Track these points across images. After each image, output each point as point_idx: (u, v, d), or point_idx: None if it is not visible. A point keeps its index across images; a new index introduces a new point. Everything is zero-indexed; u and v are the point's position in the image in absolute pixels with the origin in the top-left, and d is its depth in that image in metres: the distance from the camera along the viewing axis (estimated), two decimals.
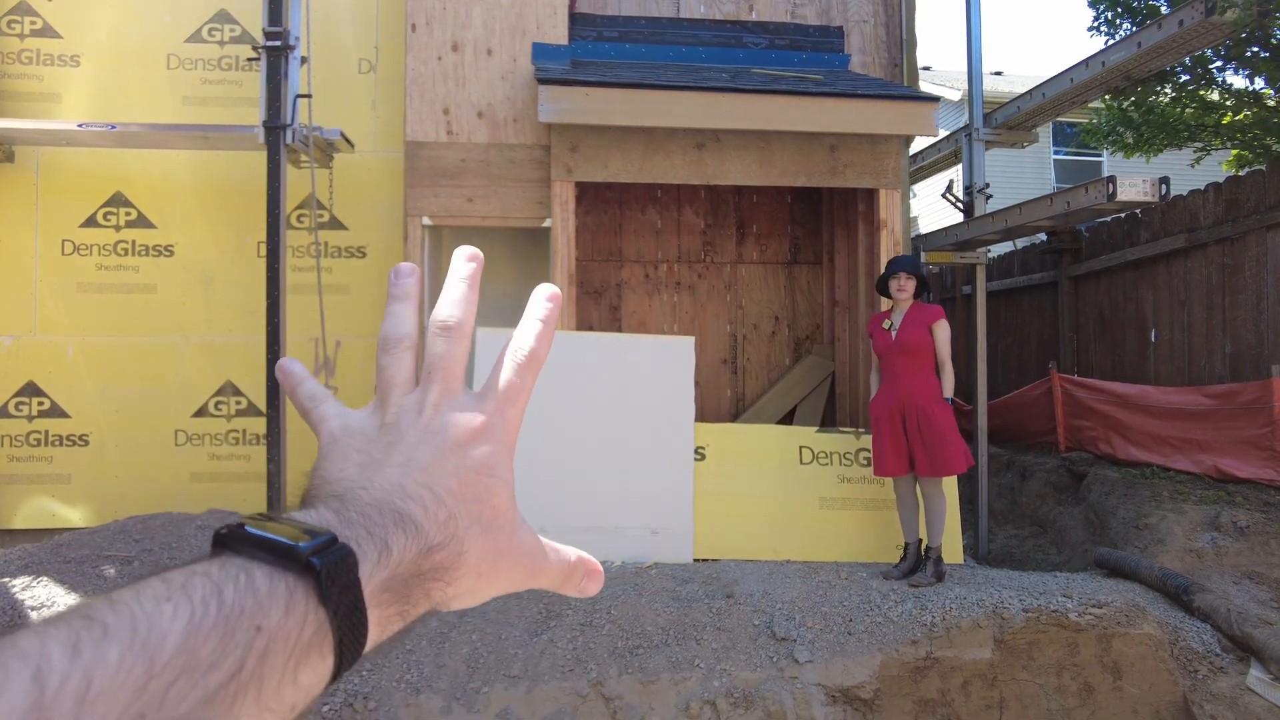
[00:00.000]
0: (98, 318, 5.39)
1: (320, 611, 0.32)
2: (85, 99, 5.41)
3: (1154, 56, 5.23)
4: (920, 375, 4.24)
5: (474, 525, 0.40)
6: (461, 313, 0.47)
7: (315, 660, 0.32)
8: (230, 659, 0.28)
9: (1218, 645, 3.80)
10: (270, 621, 0.30)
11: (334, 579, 0.32)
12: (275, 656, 0.30)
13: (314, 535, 0.33)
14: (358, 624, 0.33)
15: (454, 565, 0.39)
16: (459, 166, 5.14)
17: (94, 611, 0.27)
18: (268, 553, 0.32)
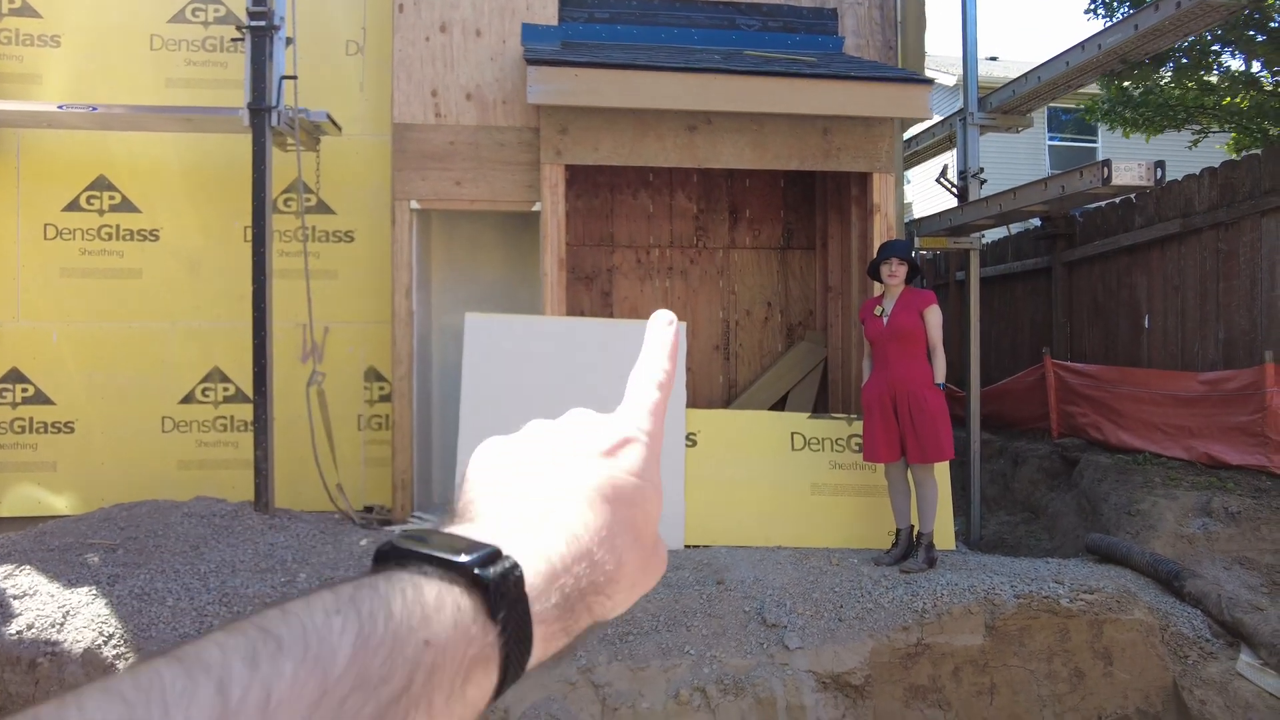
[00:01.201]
0: (82, 303, 5.32)
1: (488, 626, 0.32)
2: (66, 80, 5.31)
3: (1151, 39, 5.17)
4: (912, 361, 4.21)
5: (627, 534, 0.40)
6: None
7: (481, 676, 0.31)
8: (400, 674, 0.28)
9: (1208, 630, 3.80)
10: (439, 636, 0.30)
11: (501, 593, 0.32)
12: (443, 671, 0.30)
13: (478, 549, 0.33)
14: (524, 639, 0.33)
15: (613, 578, 0.38)
16: (447, 149, 5.07)
17: (268, 623, 0.27)
18: (433, 567, 0.32)
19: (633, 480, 0.41)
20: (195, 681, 0.24)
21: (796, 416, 5.05)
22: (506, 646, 0.32)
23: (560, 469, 0.40)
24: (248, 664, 0.25)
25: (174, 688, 0.23)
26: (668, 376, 0.47)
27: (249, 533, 4.37)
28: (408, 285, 5.12)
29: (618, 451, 0.42)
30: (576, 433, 0.43)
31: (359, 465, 5.39)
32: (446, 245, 5.83)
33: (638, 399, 0.46)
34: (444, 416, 5.53)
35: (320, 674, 0.26)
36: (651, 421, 0.45)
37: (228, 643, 0.26)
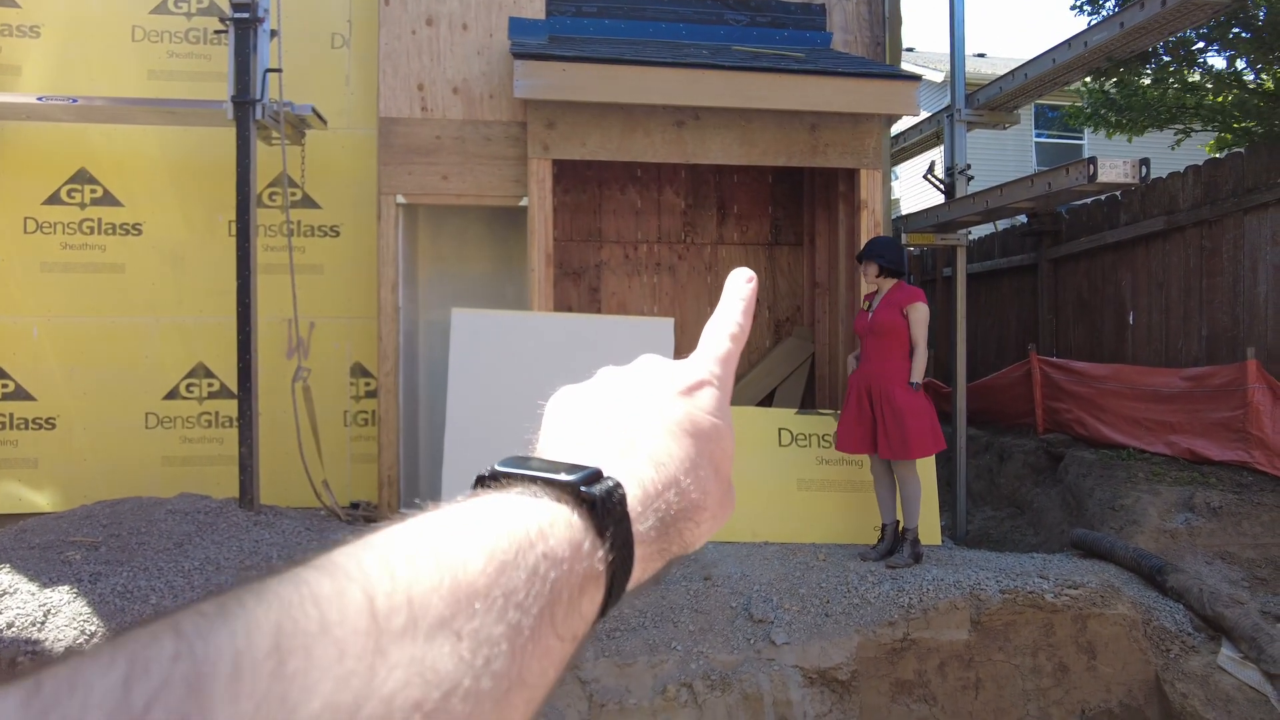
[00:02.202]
0: (63, 298, 5.26)
1: (597, 543, 0.32)
2: (46, 71, 5.24)
3: (1136, 37, 5.20)
4: (888, 358, 4.22)
5: (708, 467, 0.41)
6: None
7: (593, 590, 0.32)
8: (524, 585, 0.29)
9: (1190, 625, 3.84)
10: (555, 550, 0.31)
11: (608, 510, 0.33)
12: (562, 585, 0.30)
13: (580, 469, 0.34)
14: (627, 557, 0.34)
15: (700, 505, 0.40)
16: (433, 143, 5.04)
17: (394, 536, 0.28)
18: (540, 487, 0.33)
19: (709, 418, 0.42)
20: (340, 585, 0.25)
21: (783, 412, 5.06)
22: (613, 564, 0.33)
23: (639, 407, 0.41)
24: (385, 572, 0.26)
25: (322, 589, 0.24)
26: (741, 330, 0.49)
27: (234, 530, 4.34)
28: (394, 280, 5.08)
29: (694, 392, 0.43)
30: (651, 375, 0.44)
31: (345, 461, 5.36)
32: (433, 240, 5.79)
33: (711, 347, 0.47)
34: (431, 412, 5.51)
35: (453, 580, 0.27)
36: (723, 368, 0.46)
37: (359, 555, 0.26)
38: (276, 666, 0.22)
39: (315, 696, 0.22)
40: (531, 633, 0.28)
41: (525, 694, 0.28)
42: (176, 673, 0.20)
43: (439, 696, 0.25)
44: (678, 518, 0.38)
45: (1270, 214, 5.11)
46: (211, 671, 0.21)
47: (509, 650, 0.27)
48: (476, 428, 4.29)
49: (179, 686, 0.20)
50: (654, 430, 0.40)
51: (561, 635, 0.30)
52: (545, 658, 0.29)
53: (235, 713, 0.20)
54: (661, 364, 0.45)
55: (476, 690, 0.26)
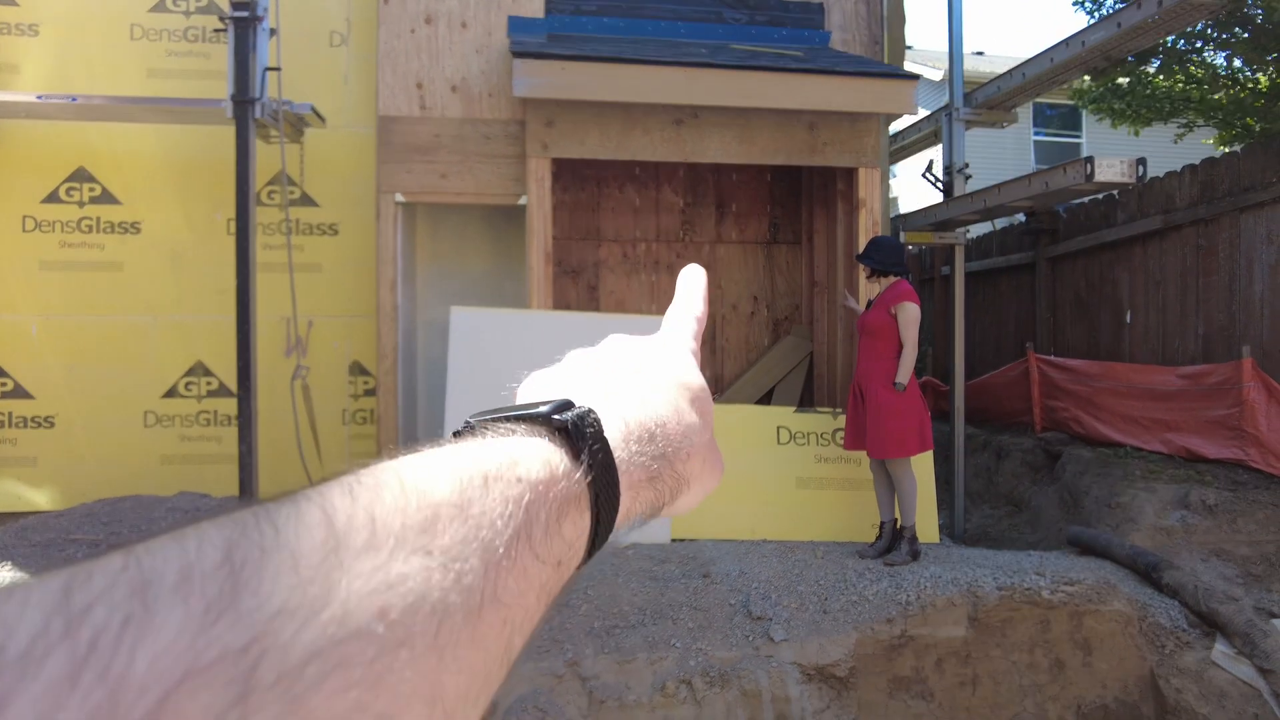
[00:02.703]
0: (62, 296, 5.26)
1: (574, 465, 0.33)
2: (45, 70, 5.23)
3: (1134, 36, 5.22)
4: (875, 357, 4.26)
5: (694, 415, 0.42)
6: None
7: (575, 514, 0.32)
8: (498, 504, 0.29)
9: (1185, 621, 3.87)
10: (528, 473, 0.31)
11: (581, 434, 0.34)
12: (538, 505, 0.30)
13: (551, 402, 0.35)
14: (610, 481, 0.34)
15: (688, 442, 0.40)
16: (432, 142, 5.04)
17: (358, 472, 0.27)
18: (512, 423, 0.34)
19: (691, 373, 0.44)
20: (299, 506, 0.24)
21: (782, 411, 5.07)
22: (595, 486, 0.33)
23: (620, 365, 0.42)
24: (347, 495, 0.25)
25: (280, 511, 0.24)
26: (703, 314, 0.51)
27: None
28: (392, 279, 5.09)
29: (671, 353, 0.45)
30: (622, 345, 0.45)
31: (344, 460, 5.36)
32: (432, 239, 5.80)
33: (678, 325, 0.49)
34: (429, 411, 5.51)
35: (420, 501, 0.27)
36: (693, 343, 0.48)
37: (322, 486, 0.26)
38: (228, 574, 0.21)
39: (269, 600, 0.21)
40: (506, 550, 0.28)
41: (501, 613, 0.28)
42: (121, 579, 0.20)
43: (404, 606, 0.24)
44: (666, 450, 0.38)
45: (1266, 213, 5.13)
46: (158, 578, 0.20)
47: (480, 566, 0.27)
48: None
49: (122, 589, 0.20)
50: (635, 380, 0.41)
51: (541, 557, 0.30)
52: (523, 578, 0.29)
53: (184, 613, 0.20)
54: (632, 338, 0.46)
55: (445, 602, 0.25)
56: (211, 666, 0.20)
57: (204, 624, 0.20)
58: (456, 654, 0.26)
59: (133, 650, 0.19)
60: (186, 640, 0.20)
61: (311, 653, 0.21)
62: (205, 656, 0.20)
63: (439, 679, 0.25)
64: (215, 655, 0.20)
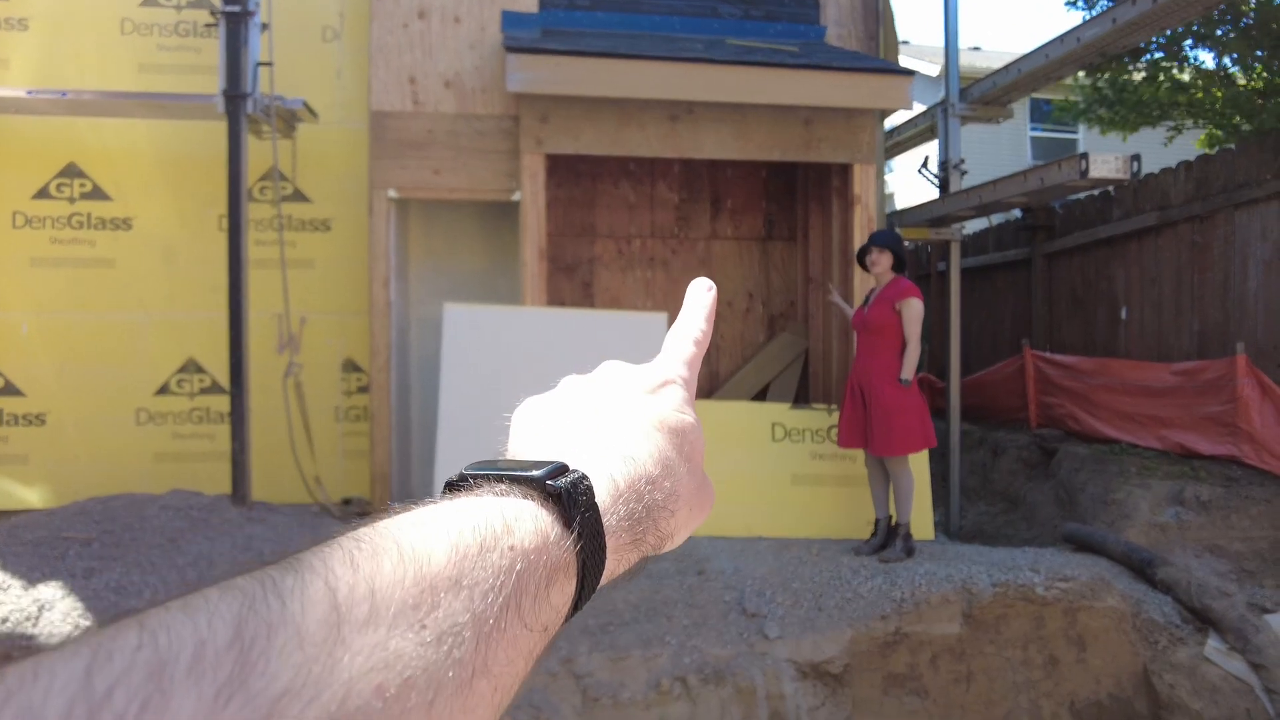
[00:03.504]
0: (53, 293, 5.22)
1: (565, 534, 0.33)
2: (35, 65, 5.19)
3: (1128, 33, 5.21)
4: (878, 353, 4.22)
5: (680, 460, 0.42)
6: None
7: (563, 581, 0.33)
8: (490, 576, 0.29)
9: (1178, 617, 3.87)
10: (521, 542, 0.31)
11: (574, 500, 0.34)
12: (529, 576, 0.31)
13: (546, 465, 0.35)
14: (598, 547, 0.35)
15: (674, 496, 0.40)
16: (426, 137, 5.02)
17: (359, 535, 0.28)
18: (506, 484, 0.34)
19: (676, 414, 0.43)
20: (304, 578, 0.25)
21: (777, 407, 5.07)
22: (583, 553, 0.34)
23: (606, 408, 0.42)
24: (348, 565, 0.26)
25: (285, 583, 0.25)
26: (704, 335, 0.50)
27: (227, 525, 4.33)
28: (385, 275, 5.07)
29: (660, 390, 0.44)
30: (615, 379, 0.45)
31: (337, 457, 5.35)
32: (425, 235, 5.77)
33: (674, 351, 0.49)
34: (423, 408, 5.50)
35: (417, 572, 0.27)
36: (688, 370, 0.48)
37: (323, 552, 0.27)
38: (239, 654, 0.22)
39: (276, 681, 0.22)
40: (496, 622, 0.29)
41: (491, 682, 0.29)
42: (139, 660, 0.21)
43: (400, 682, 0.25)
44: (651, 509, 0.39)
45: (1260, 210, 5.13)
46: (173, 659, 0.21)
47: (472, 638, 0.28)
48: (469, 423, 4.29)
49: (140, 671, 0.21)
50: (622, 428, 0.41)
51: (529, 625, 0.31)
52: (512, 647, 0.30)
53: (197, 696, 0.21)
54: (625, 368, 0.47)
55: (439, 677, 0.26)
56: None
57: (215, 707, 0.21)
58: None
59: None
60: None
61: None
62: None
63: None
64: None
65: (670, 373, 0.46)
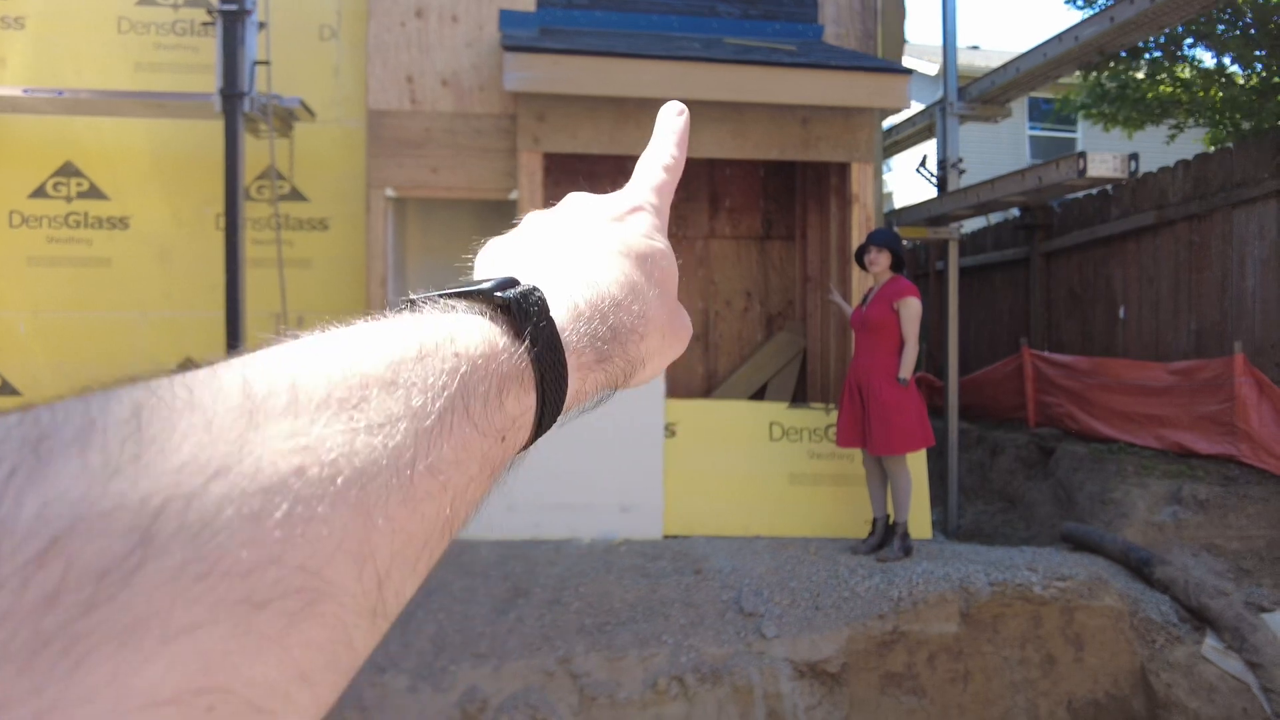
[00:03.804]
0: (50, 292, 5.21)
1: (515, 342, 0.32)
2: (31, 63, 5.18)
3: (1127, 31, 5.21)
4: (877, 352, 4.22)
5: (649, 285, 0.40)
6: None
7: (518, 390, 0.31)
8: (431, 375, 0.28)
9: (1175, 615, 3.87)
10: (467, 348, 0.30)
11: (525, 311, 0.32)
12: (476, 378, 0.29)
13: (494, 278, 0.34)
14: (556, 361, 0.33)
15: (643, 318, 0.39)
16: (423, 136, 5.01)
17: (286, 339, 0.27)
18: (452, 300, 0.33)
19: (644, 239, 0.42)
20: (216, 370, 0.23)
21: (775, 406, 5.06)
22: (540, 365, 0.32)
23: (569, 238, 0.41)
24: (270, 361, 0.25)
25: (197, 376, 0.23)
26: (675, 161, 0.48)
27: None
28: (383, 274, 5.06)
29: (627, 218, 0.43)
30: (580, 209, 0.43)
31: None
32: (422, 233, 5.77)
33: (644, 177, 0.47)
34: None
35: (346, 369, 0.26)
36: (658, 197, 0.46)
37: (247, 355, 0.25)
38: (132, 431, 0.20)
39: (176, 455, 0.20)
40: (439, 419, 0.27)
41: (438, 478, 0.27)
42: (14, 433, 0.19)
43: (323, 464, 0.23)
44: (617, 330, 0.37)
45: (1258, 209, 5.13)
46: (55, 431, 0.20)
47: (410, 431, 0.26)
48: None
49: (14, 441, 0.19)
50: (585, 255, 0.39)
51: (481, 428, 0.29)
52: (460, 447, 0.28)
53: (82, 464, 0.19)
54: (590, 198, 0.45)
55: (370, 461, 0.24)
56: (108, 514, 0.19)
57: (102, 475, 0.19)
58: (388, 514, 0.25)
59: (19, 498, 0.18)
60: (81, 489, 0.19)
61: (220, 503, 0.20)
62: (101, 505, 0.19)
63: (368, 538, 0.24)
64: (113, 504, 0.19)
65: (638, 199, 0.45)
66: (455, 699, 3.29)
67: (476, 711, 3.27)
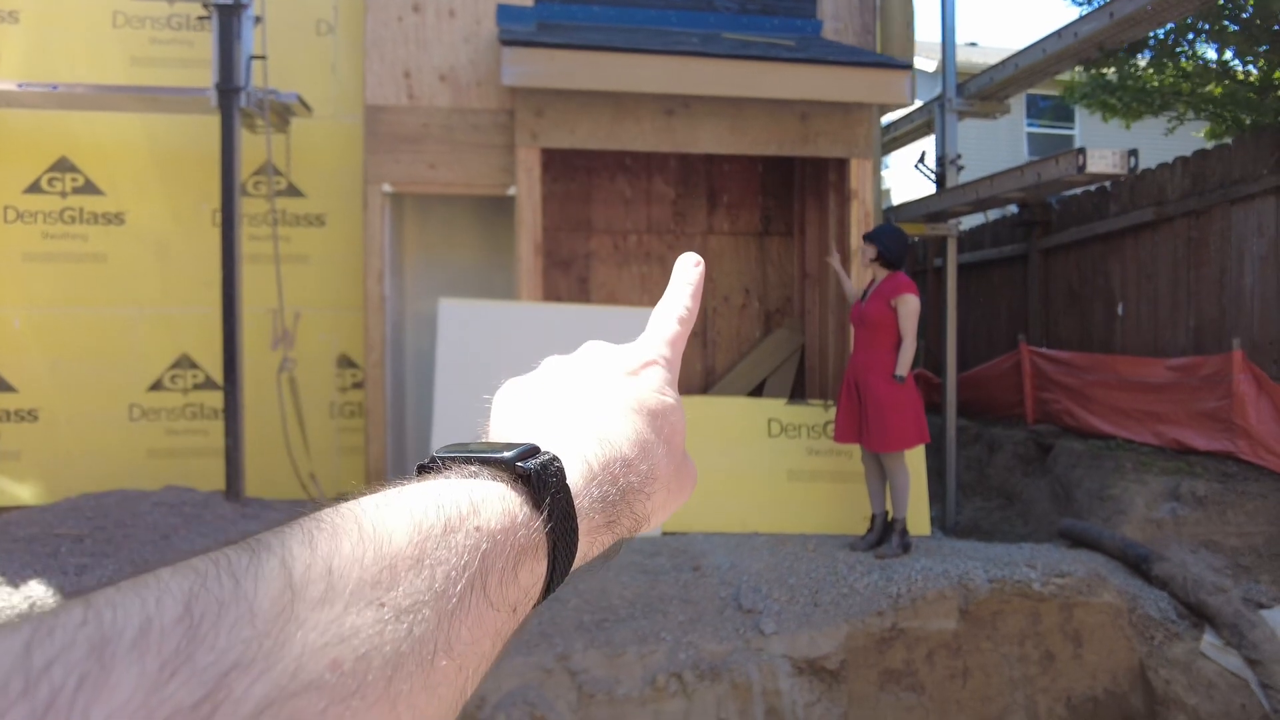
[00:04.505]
0: (46, 288, 5.19)
1: (534, 515, 0.33)
2: (25, 58, 5.15)
3: (1126, 27, 5.19)
4: (873, 349, 4.21)
5: (658, 443, 0.42)
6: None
7: (532, 562, 0.33)
8: (454, 555, 0.29)
9: (1174, 612, 3.87)
10: (488, 523, 0.31)
11: (543, 482, 0.34)
12: (495, 556, 0.31)
13: (516, 447, 0.35)
14: (569, 529, 0.35)
15: (650, 477, 0.40)
16: (420, 131, 4.99)
17: (320, 516, 0.28)
18: (475, 466, 0.34)
19: (656, 395, 0.43)
20: (259, 557, 0.25)
21: (773, 403, 5.05)
22: (553, 535, 0.33)
23: (585, 389, 0.42)
24: (306, 545, 0.26)
25: (239, 562, 0.25)
26: (689, 313, 0.50)
27: (220, 522, 4.31)
28: (380, 270, 5.04)
29: (640, 372, 0.44)
30: (597, 360, 0.45)
31: (332, 453, 5.32)
32: (420, 229, 5.74)
33: (658, 330, 0.48)
34: (418, 404, 5.48)
35: (377, 552, 0.27)
36: (671, 350, 0.47)
37: (283, 532, 0.27)
38: (186, 629, 0.22)
39: (225, 656, 0.22)
40: (460, 601, 0.29)
41: (455, 661, 0.28)
42: (81, 636, 0.21)
43: (356, 656, 0.25)
44: (626, 492, 0.38)
45: (1256, 205, 5.13)
46: (117, 635, 0.21)
47: (434, 616, 0.28)
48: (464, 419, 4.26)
49: (81, 647, 0.20)
50: (600, 410, 0.41)
51: (496, 605, 0.30)
52: (477, 626, 0.29)
53: (140, 670, 0.20)
54: (607, 348, 0.46)
55: (397, 653, 0.26)
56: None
57: (159, 681, 0.21)
58: (411, 701, 0.26)
59: (87, 709, 0.20)
60: (140, 698, 0.20)
61: (264, 705, 0.22)
62: (159, 714, 0.20)
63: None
64: (168, 712, 0.20)
65: (652, 353, 0.46)
66: None
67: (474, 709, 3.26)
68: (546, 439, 0.37)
